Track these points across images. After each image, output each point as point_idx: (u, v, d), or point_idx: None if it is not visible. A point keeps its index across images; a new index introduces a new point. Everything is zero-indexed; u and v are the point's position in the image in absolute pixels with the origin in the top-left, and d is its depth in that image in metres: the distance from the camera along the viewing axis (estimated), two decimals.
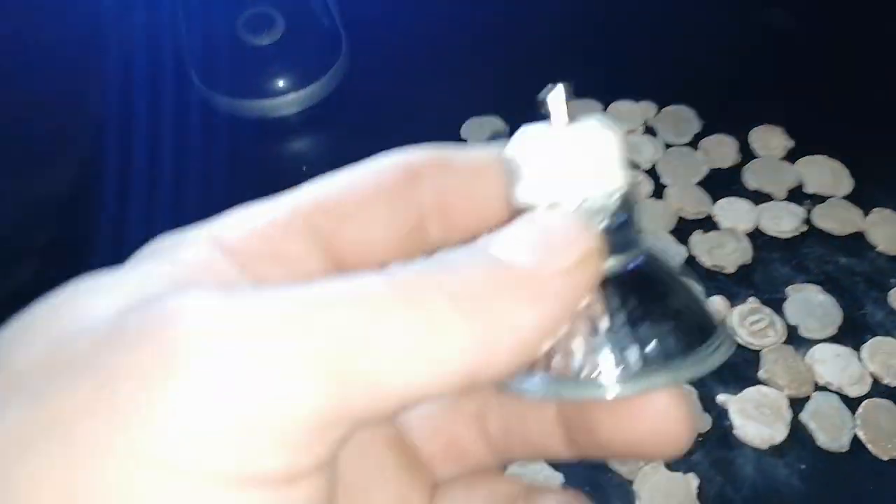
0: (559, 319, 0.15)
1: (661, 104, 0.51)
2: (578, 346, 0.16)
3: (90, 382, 0.12)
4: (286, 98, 0.53)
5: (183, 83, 0.52)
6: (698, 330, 0.16)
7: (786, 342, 0.40)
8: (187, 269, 0.14)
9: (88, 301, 0.13)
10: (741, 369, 0.40)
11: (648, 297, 0.16)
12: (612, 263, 0.16)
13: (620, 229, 0.16)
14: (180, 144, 0.50)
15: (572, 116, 0.17)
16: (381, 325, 0.13)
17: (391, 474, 0.18)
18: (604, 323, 0.16)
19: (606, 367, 0.15)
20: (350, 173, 0.17)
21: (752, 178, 0.47)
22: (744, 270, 0.43)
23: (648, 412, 0.16)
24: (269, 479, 0.12)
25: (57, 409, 0.12)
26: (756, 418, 0.38)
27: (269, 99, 0.53)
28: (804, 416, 0.38)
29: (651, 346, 0.16)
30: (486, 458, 0.19)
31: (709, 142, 0.49)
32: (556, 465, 0.37)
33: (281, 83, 0.53)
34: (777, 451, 0.37)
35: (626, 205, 0.16)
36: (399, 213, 0.17)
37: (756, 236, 0.45)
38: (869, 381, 0.39)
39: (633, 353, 0.15)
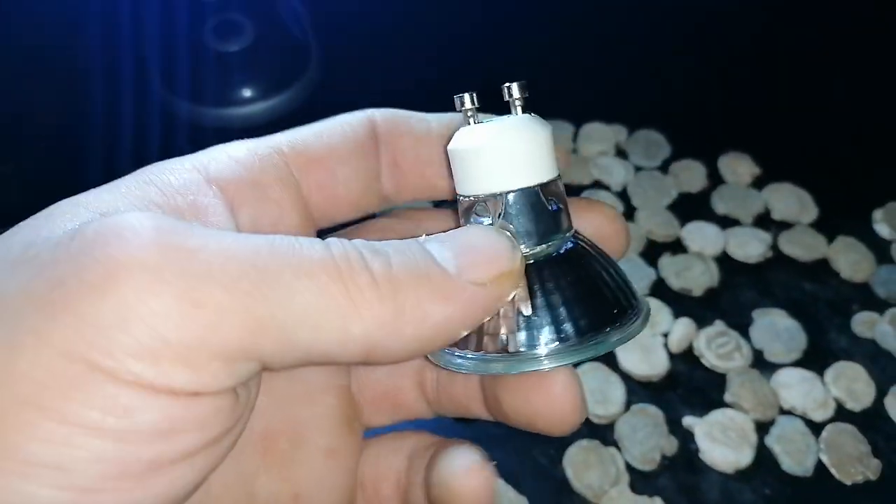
0: (466, 322, 0.16)
1: (632, 128, 0.51)
2: (504, 326, 0.17)
3: (38, 280, 0.13)
4: (251, 108, 0.52)
5: (144, 88, 0.51)
6: (618, 305, 0.18)
7: (751, 366, 0.40)
8: (167, 192, 0.16)
9: (64, 213, 0.15)
10: (707, 392, 0.40)
11: (572, 278, 0.18)
12: (539, 250, 0.18)
13: (545, 218, 0.18)
14: (139, 151, 0.48)
15: (517, 111, 0.19)
16: (305, 286, 0.14)
17: (330, 423, 0.20)
18: (527, 306, 0.17)
19: (529, 344, 0.17)
20: (322, 124, 0.19)
21: (720, 203, 0.47)
22: (711, 294, 0.43)
23: (542, 391, 0.18)
24: (176, 392, 0.13)
25: (4, 296, 0.13)
26: (722, 442, 0.37)
27: (233, 108, 0.51)
28: (769, 440, 0.38)
29: (572, 325, 0.17)
30: (420, 410, 0.21)
31: (679, 166, 0.49)
32: (521, 489, 0.36)
33: (247, 92, 0.52)
34: (743, 475, 0.37)
35: (553, 195, 0.18)
36: (360, 163, 0.19)
37: (723, 261, 0.45)
38: (833, 405, 0.39)
39: (553, 332, 0.17)
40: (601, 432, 0.38)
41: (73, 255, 0.14)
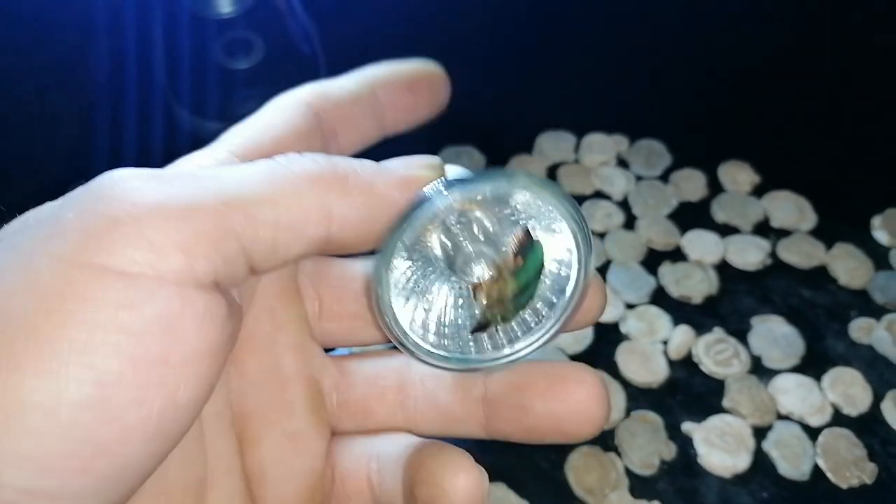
0: (380, 205, 0.18)
1: (633, 137, 0.52)
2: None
3: (46, 225, 0.16)
4: None
5: (153, 104, 0.52)
6: None
7: (750, 372, 0.41)
8: None
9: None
10: (706, 398, 0.40)
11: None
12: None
13: None
14: (143, 163, 0.49)
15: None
16: (261, 184, 0.17)
17: (297, 409, 0.21)
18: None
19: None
20: (263, 117, 0.21)
21: (719, 211, 0.48)
22: (710, 301, 0.44)
23: (575, 394, 0.19)
24: (174, 278, 0.16)
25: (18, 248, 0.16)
26: (720, 447, 0.38)
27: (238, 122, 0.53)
28: (766, 445, 0.38)
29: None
30: (394, 424, 0.22)
31: (679, 175, 0.50)
32: (523, 493, 0.37)
33: (257, 108, 0.54)
34: (740, 479, 0.38)
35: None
36: (310, 145, 0.21)
37: (723, 268, 0.46)
38: (829, 410, 0.40)
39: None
40: (601, 438, 0.39)
41: (70, 203, 0.16)
